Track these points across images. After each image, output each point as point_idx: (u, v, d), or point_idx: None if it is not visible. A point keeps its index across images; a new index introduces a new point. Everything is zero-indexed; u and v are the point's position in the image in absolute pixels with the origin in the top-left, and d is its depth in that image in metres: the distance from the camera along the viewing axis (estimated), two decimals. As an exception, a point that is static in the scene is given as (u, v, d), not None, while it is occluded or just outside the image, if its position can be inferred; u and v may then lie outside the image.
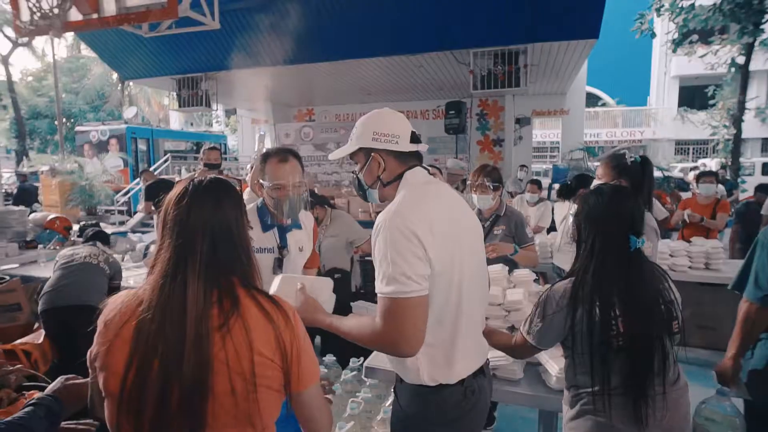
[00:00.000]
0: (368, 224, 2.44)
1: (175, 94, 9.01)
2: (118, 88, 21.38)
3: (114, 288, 3.31)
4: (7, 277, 3.79)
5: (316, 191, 5.76)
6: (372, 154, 1.46)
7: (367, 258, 4.10)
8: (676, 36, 12.43)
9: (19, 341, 2.88)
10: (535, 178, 5.94)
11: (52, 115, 20.46)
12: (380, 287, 1.31)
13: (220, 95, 9.22)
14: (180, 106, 9.05)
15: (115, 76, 18.09)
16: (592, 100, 24.15)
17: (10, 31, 18.81)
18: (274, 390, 1.01)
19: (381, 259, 1.31)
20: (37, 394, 1.33)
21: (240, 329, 0.97)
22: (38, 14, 3.79)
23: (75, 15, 4.04)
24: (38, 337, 2.93)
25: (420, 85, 9.95)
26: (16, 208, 4.87)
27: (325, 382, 2.52)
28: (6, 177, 13.89)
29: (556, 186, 11.64)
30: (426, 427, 1.44)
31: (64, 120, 18.90)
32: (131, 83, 16.52)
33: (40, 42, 22.53)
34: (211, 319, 0.97)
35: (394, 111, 1.52)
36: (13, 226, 4.69)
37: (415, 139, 1.48)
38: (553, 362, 1.86)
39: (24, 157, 16.39)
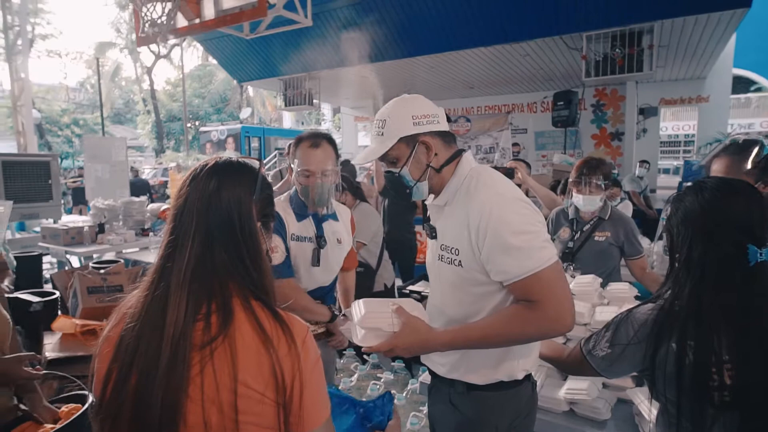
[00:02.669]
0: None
1: (281, 94, 9.51)
2: (237, 91, 23.64)
3: None
4: (122, 261, 4.22)
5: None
6: (418, 138, 1.29)
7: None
8: None
9: (114, 321, 3.15)
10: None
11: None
12: (523, 267, 1.15)
13: (323, 93, 9.52)
14: (286, 105, 9.54)
15: (234, 80, 19.95)
16: (741, 84, 20.74)
17: (153, 46, 21.74)
18: (264, 427, 0.82)
19: (512, 238, 1.15)
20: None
21: (225, 352, 0.80)
22: (148, 23, 4.13)
23: (181, 22, 4.35)
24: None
25: (526, 75, 9.27)
26: (137, 199, 5.48)
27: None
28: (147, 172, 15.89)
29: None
30: None
31: (194, 121, 21.40)
32: (248, 86, 17.95)
33: (177, 54, 25.86)
34: (194, 335, 0.81)
35: (415, 95, 1.37)
36: (133, 215, 5.27)
37: (447, 118, 1.34)
38: (650, 403, 1.47)
39: (161, 155, 18.92)
